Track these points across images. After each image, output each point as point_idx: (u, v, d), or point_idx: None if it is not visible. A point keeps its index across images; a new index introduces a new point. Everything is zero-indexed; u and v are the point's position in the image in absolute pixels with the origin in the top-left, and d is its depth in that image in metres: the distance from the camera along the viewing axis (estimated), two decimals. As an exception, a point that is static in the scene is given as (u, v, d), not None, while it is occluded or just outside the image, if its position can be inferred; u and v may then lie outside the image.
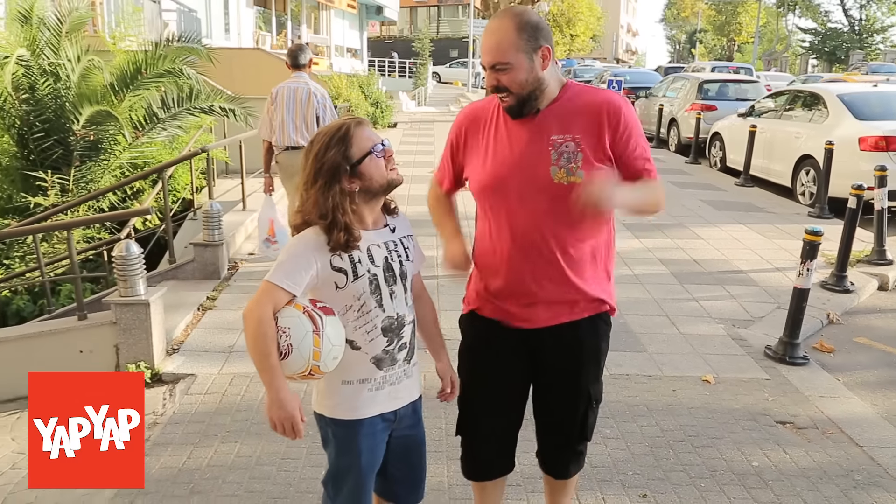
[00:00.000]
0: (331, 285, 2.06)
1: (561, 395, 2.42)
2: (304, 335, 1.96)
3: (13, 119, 7.82)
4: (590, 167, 2.17)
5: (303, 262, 2.01)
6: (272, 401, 1.98)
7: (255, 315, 1.96)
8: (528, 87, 2.15)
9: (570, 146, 2.17)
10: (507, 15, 2.16)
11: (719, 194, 10.11)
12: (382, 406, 2.15)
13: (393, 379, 2.16)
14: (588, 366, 2.39)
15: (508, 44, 2.11)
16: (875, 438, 3.71)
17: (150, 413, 3.98)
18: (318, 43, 27.85)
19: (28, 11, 8.02)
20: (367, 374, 2.12)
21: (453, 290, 5.74)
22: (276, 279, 1.99)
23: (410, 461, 2.30)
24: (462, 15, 47.79)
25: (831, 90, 10.00)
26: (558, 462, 2.54)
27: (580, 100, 2.23)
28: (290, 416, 1.98)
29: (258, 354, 1.97)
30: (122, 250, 4.29)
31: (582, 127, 2.19)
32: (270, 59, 15.50)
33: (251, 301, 1.99)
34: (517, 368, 2.41)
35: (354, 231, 2.04)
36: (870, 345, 5.14)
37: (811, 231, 4.47)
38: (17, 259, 7.65)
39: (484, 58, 2.18)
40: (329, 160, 2.01)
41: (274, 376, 1.97)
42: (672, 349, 4.78)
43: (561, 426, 2.47)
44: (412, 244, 2.23)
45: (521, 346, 2.36)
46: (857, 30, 51.38)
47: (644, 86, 19.69)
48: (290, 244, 2.09)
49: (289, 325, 1.97)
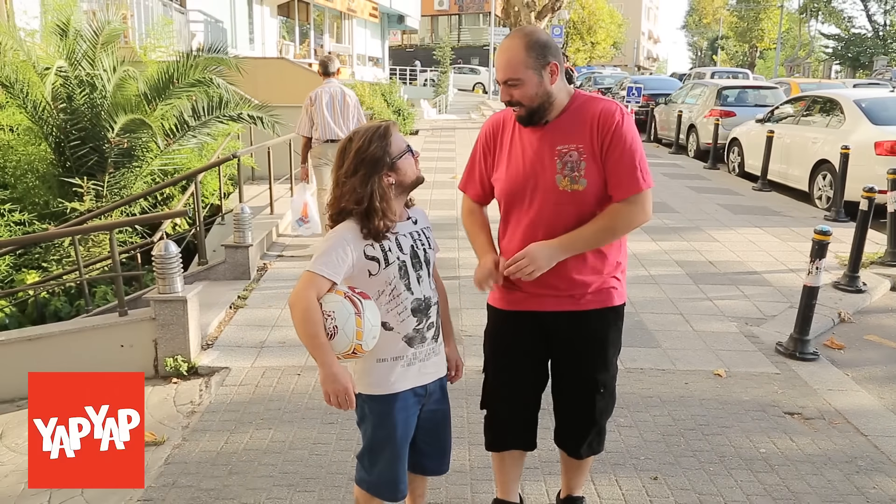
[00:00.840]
0: (364, 273, 2.28)
1: (569, 380, 2.65)
2: (347, 317, 2.18)
3: (51, 128, 8.14)
4: (592, 175, 2.39)
5: (340, 252, 2.22)
6: (326, 376, 2.19)
7: (302, 302, 2.17)
8: (538, 99, 2.38)
9: (573, 155, 2.39)
10: (517, 35, 2.41)
11: (737, 199, 10.23)
12: (414, 381, 2.37)
13: (422, 356, 2.38)
14: (593, 353, 2.59)
15: (518, 62, 2.35)
16: (880, 428, 3.85)
17: (187, 403, 4.23)
18: (340, 52, 28.22)
19: (65, 24, 8.35)
20: (399, 352, 2.34)
21: (475, 290, 5.93)
22: (317, 269, 2.20)
23: (438, 434, 2.52)
24: (483, 23, 48.06)
25: (848, 96, 10.09)
26: (569, 440, 2.74)
27: (583, 110, 2.44)
28: (344, 387, 2.19)
29: (308, 337, 2.18)
30: (161, 249, 4.54)
31: (583, 136, 2.40)
32: (294, 68, 15.84)
33: (296, 290, 2.20)
34: (534, 347, 2.63)
35: (391, 220, 2.27)
36: (880, 342, 5.27)
37: (820, 231, 4.62)
38: (54, 262, 7.98)
39: (497, 74, 2.43)
40: (371, 153, 2.25)
41: (325, 353, 2.18)
42: (685, 345, 4.94)
43: (569, 408, 2.68)
44: (430, 234, 2.47)
45: (537, 327, 2.59)
46: (882, 35, 50.97)
47: (664, 92, 19.79)
48: (327, 237, 2.30)
49: (333, 310, 2.19)
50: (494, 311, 2.70)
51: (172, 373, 4.58)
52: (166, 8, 14.69)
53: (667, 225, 8.23)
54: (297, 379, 4.43)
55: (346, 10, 27.46)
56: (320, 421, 3.91)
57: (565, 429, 2.73)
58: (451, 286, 6.02)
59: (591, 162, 2.38)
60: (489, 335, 2.74)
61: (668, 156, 15.15)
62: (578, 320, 2.53)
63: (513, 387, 2.67)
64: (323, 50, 26.70)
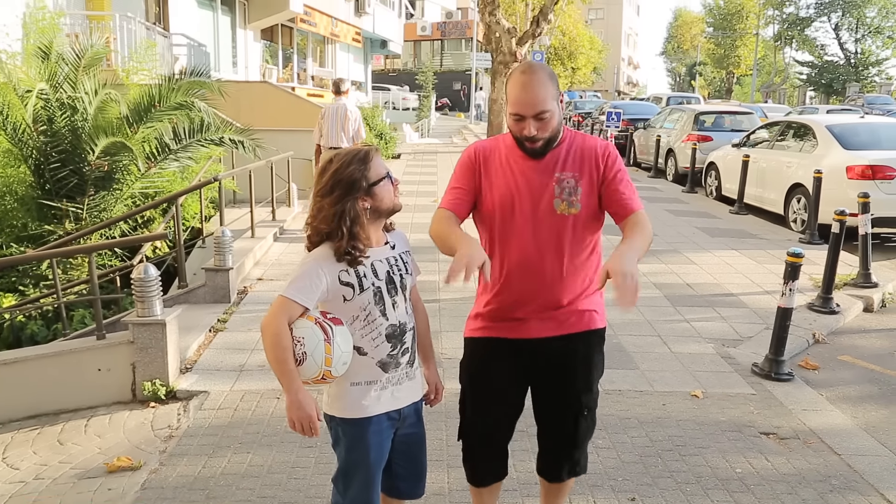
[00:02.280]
0: (339, 298, 2.29)
1: (554, 403, 2.66)
2: (316, 343, 2.19)
3: (31, 150, 8.11)
4: (584, 200, 2.49)
5: (314, 278, 2.23)
6: (291, 402, 2.20)
7: (272, 327, 2.18)
8: (556, 129, 2.48)
9: (570, 182, 2.50)
10: (536, 69, 2.45)
11: (714, 222, 10.37)
12: (387, 405, 2.37)
13: (396, 380, 2.38)
14: (578, 376, 2.62)
15: (546, 94, 2.41)
16: (853, 447, 3.91)
17: (165, 427, 4.21)
18: (323, 76, 28.35)
19: (47, 47, 8.36)
20: (373, 376, 2.34)
21: (455, 313, 5.98)
22: (290, 294, 2.20)
23: (413, 457, 2.52)
24: (465, 48, 48.50)
25: (821, 121, 10.30)
26: (552, 466, 2.75)
27: (578, 144, 2.56)
28: (308, 415, 2.20)
29: (276, 362, 2.19)
30: (140, 273, 4.53)
31: (580, 166, 2.52)
32: (277, 91, 15.89)
33: (268, 314, 2.21)
34: (512, 377, 2.64)
35: (361, 243, 2.27)
36: (853, 362, 5.35)
37: (792, 253, 4.71)
38: (31, 285, 7.91)
39: (525, 109, 2.41)
40: (348, 175, 2.25)
41: (292, 380, 2.19)
42: (663, 367, 4.99)
43: (554, 432, 2.70)
44: (410, 259, 2.47)
45: (517, 356, 2.60)
46: (854, 63, 52.09)
47: (642, 117, 20.06)
48: (302, 262, 2.31)
49: (303, 335, 2.20)
50: (473, 341, 2.70)
51: (150, 397, 4.56)
52: (149, 31, 14.72)
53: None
54: (277, 402, 4.42)
55: (330, 35, 27.62)
56: (299, 445, 3.90)
57: (549, 452, 2.74)
58: (431, 309, 6.04)
59: (584, 189, 2.50)
60: (466, 369, 2.72)
61: (648, 179, 15.33)
62: (564, 344, 2.56)
63: (491, 423, 2.67)
64: (306, 74, 26.82)
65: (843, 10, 51.76)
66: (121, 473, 3.70)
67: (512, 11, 33.34)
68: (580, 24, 49.81)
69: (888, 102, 31.92)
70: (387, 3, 34.43)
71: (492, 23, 18.63)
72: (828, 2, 52.46)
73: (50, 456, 3.98)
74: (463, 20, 50.77)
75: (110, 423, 4.34)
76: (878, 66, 52.26)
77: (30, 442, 4.22)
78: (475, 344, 2.70)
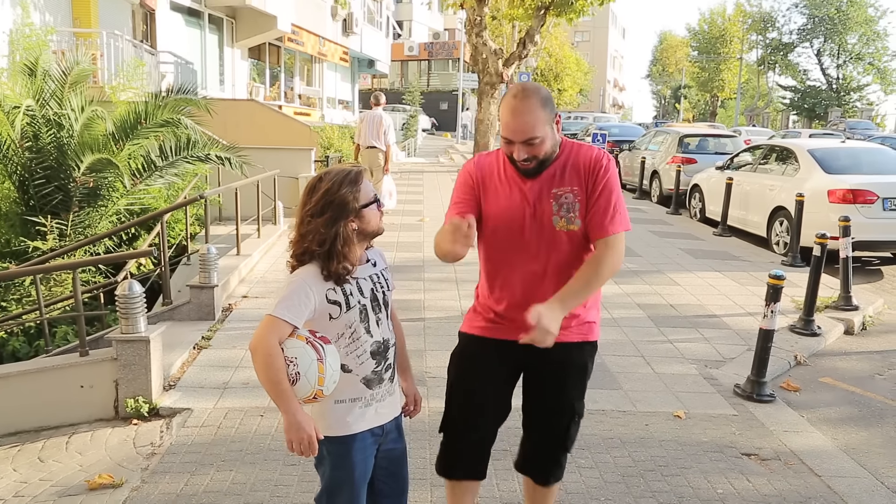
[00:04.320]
0: (325, 316, 2.29)
1: (548, 409, 2.70)
2: (310, 364, 2.17)
3: (15, 166, 8.09)
4: (584, 215, 2.52)
5: (303, 297, 2.21)
6: (290, 424, 2.17)
7: (264, 347, 2.14)
8: (550, 151, 2.50)
9: (568, 198, 2.52)
10: (529, 94, 2.45)
11: (697, 243, 10.46)
12: (371, 422, 2.38)
13: (379, 396, 2.40)
14: (573, 383, 2.68)
15: (537, 120, 2.43)
16: (833, 469, 3.95)
17: (147, 444, 4.18)
18: (310, 95, 28.44)
19: (34, 64, 8.37)
20: (358, 393, 2.35)
21: (439, 331, 5.99)
22: (279, 313, 2.17)
23: (396, 473, 2.52)
24: (452, 69, 48.86)
25: (803, 145, 10.46)
26: (539, 468, 2.80)
27: (575, 156, 2.57)
28: (308, 436, 2.17)
29: (271, 383, 2.15)
30: (125, 289, 4.52)
31: (577, 180, 2.54)
32: (264, 109, 15.92)
33: (257, 335, 2.16)
34: (503, 376, 2.70)
35: (350, 263, 2.29)
36: (834, 384, 5.41)
37: (774, 275, 4.77)
38: (14, 302, 7.84)
39: (514, 135, 2.45)
40: (340, 197, 2.25)
41: (289, 401, 2.15)
42: (646, 387, 5.02)
43: (546, 436, 2.74)
44: (389, 275, 2.50)
45: (509, 357, 2.64)
46: (835, 88, 52.91)
47: (627, 139, 20.27)
48: (290, 281, 2.28)
49: (295, 356, 2.17)
50: (467, 336, 2.75)
51: (133, 414, 4.53)
52: (137, 49, 14.74)
53: (629, 269, 8.38)
54: (260, 420, 4.41)
55: (317, 54, 27.75)
56: (282, 462, 3.89)
57: (537, 456, 2.78)
58: (416, 328, 6.06)
59: (582, 205, 2.52)
60: (456, 359, 2.75)
61: (632, 201, 15.44)
62: (561, 352, 2.58)
63: (474, 415, 2.71)
64: (293, 92, 26.91)
65: (825, 37, 52.65)
66: (102, 491, 3.67)
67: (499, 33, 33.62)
68: (566, 46, 50.34)
69: (869, 127, 32.50)
70: (374, 24, 34.68)
71: (478, 44, 18.79)
72: (810, 28, 53.35)
73: (30, 473, 3.95)
74: (450, 41, 51.21)
75: (92, 441, 4.30)
76: (860, 91, 53.11)
77: (10, 459, 4.17)
78: (469, 340, 2.74)
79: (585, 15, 19.61)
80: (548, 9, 18.92)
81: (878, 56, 51.94)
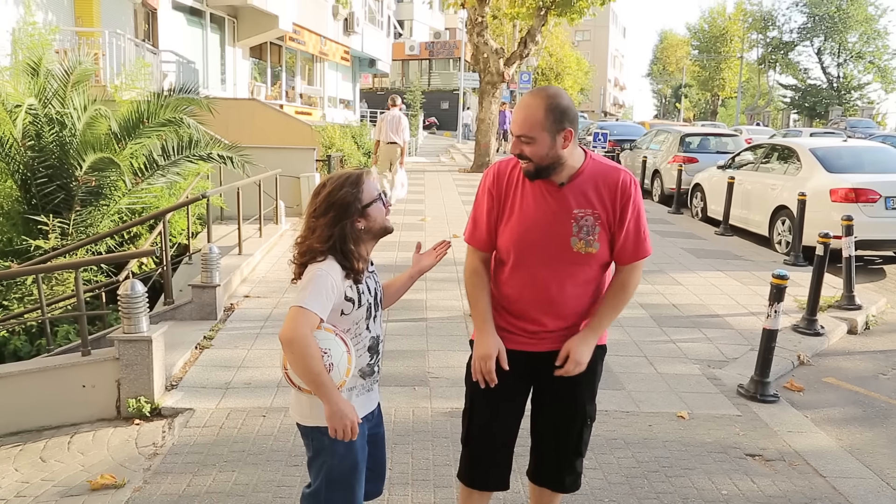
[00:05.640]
0: (338, 312, 2.34)
1: (562, 413, 2.70)
2: (341, 355, 2.27)
3: (18, 165, 8.08)
4: (602, 240, 2.51)
5: (329, 290, 2.26)
6: (333, 412, 2.22)
7: (301, 338, 2.16)
8: (547, 160, 2.45)
9: (588, 220, 2.49)
10: (540, 95, 2.44)
11: (699, 243, 10.45)
12: (364, 409, 2.48)
13: (369, 386, 2.51)
14: (585, 387, 2.68)
15: (534, 121, 2.41)
16: (838, 470, 3.93)
17: (150, 444, 4.17)
18: (311, 94, 28.43)
19: (37, 64, 8.36)
20: (353, 383, 2.42)
21: (442, 331, 5.98)
22: (308, 304, 2.20)
23: (378, 457, 2.63)
24: (453, 68, 48.78)
25: (805, 144, 10.44)
26: (554, 475, 2.78)
27: (599, 175, 2.52)
28: (353, 422, 2.25)
29: (312, 373, 2.18)
30: (127, 289, 4.51)
31: (600, 201, 2.50)
32: (265, 109, 15.93)
33: (288, 327, 2.17)
34: (520, 385, 2.69)
35: (364, 262, 2.38)
36: (837, 384, 5.39)
37: (777, 275, 4.76)
38: (16, 301, 7.83)
39: (513, 126, 2.48)
40: (341, 197, 2.33)
41: (331, 390, 2.22)
42: (649, 387, 5.01)
43: (559, 442, 2.73)
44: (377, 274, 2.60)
45: (525, 367, 2.64)
46: (836, 87, 52.88)
47: (629, 138, 20.25)
48: (314, 274, 2.28)
49: (328, 347, 2.25)
50: None
51: (135, 414, 4.52)
52: (139, 48, 14.73)
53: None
54: (263, 420, 4.40)
55: (319, 54, 27.72)
56: (285, 463, 3.88)
57: (552, 464, 2.76)
58: (418, 327, 6.05)
59: (603, 228, 2.50)
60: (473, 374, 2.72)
61: (634, 200, 15.41)
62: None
63: (497, 427, 2.70)
64: (294, 92, 26.90)
65: (826, 35, 52.62)
66: (104, 491, 3.66)
67: (500, 32, 33.61)
68: (567, 45, 50.35)
69: (870, 126, 32.45)
70: (375, 23, 34.66)
71: (480, 43, 18.77)
72: (810, 27, 53.32)
73: (32, 473, 3.94)
74: (451, 40, 51.12)
75: (94, 441, 4.30)
76: (860, 90, 53.09)
77: (12, 459, 4.17)
78: None
79: (586, 15, 19.58)
80: (549, 9, 18.91)
81: (879, 54, 51.93)
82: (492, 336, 2.58)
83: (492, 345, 2.56)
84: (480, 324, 2.62)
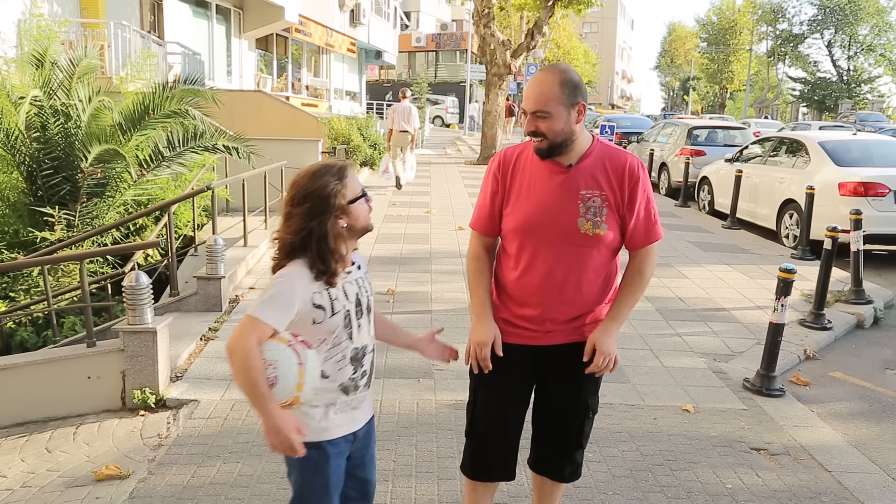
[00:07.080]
0: (308, 321, 2.18)
1: (565, 405, 2.69)
2: (290, 367, 2.08)
3: (23, 156, 8.09)
4: (610, 221, 2.49)
5: (287, 299, 2.11)
6: (269, 428, 2.07)
7: (242, 348, 2.03)
8: (562, 136, 2.44)
9: (596, 201, 2.48)
10: (552, 70, 2.46)
11: (706, 236, 10.40)
12: (345, 428, 2.30)
13: (354, 403, 2.32)
14: (588, 380, 2.66)
15: (550, 96, 2.40)
16: (843, 464, 3.92)
17: (154, 435, 4.18)
18: (317, 86, 28.40)
19: (42, 55, 8.35)
20: (333, 399, 2.26)
21: (447, 324, 5.96)
22: (261, 315, 2.06)
23: (364, 478, 2.45)
24: (459, 60, 48.66)
25: (813, 138, 10.37)
26: (555, 466, 2.78)
27: (607, 159, 2.52)
28: (288, 439, 2.08)
29: (248, 385, 2.04)
30: (132, 280, 4.51)
31: (607, 184, 2.50)
32: (271, 100, 15.90)
33: (235, 335, 2.06)
34: (525, 378, 2.69)
35: (342, 263, 2.20)
36: (844, 379, 5.37)
37: (784, 269, 4.72)
38: (22, 292, 7.86)
39: (526, 104, 2.46)
40: (319, 187, 2.17)
41: (266, 404, 2.05)
42: (655, 381, 4.99)
43: (561, 433, 2.73)
44: (369, 278, 2.42)
45: (529, 360, 2.63)
46: (846, 80, 52.54)
47: (636, 131, 20.17)
48: (275, 280, 2.15)
49: (276, 358, 2.08)
50: None
51: (140, 405, 4.53)
52: (144, 39, 14.72)
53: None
54: (267, 412, 4.39)
55: (325, 45, 27.68)
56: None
57: (553, 455, 2.76)
58: (423, 320, 6.04)
59: (611, 210, 2.49)
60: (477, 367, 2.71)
61: (641, 193, 15.36)
62: (577, 350, 2.58)
63: (502, 419, 2.70)
64: (300, 83, 26.88)
65: (836, 28, 52.25)
66: (109, 482, 3.67)
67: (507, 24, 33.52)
68: (574, 37, 50.23)
69: (880, 120, 32.26)
70: (382, 15, 34.56)
71: (486, 35, 18.70)
72: (821, 19, 52.94)
73: (38, 464, 3.95)
74: (458, 32, 50.98)
75: (99, 432, 4.31)
76: (871, 83, 52.75)
77: (17, 449, 4.18)
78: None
79: (594, 6, 19.49)
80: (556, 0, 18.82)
81: (890, 47, 51.56)
82: (489, 322, 2.59)
83: (488, 331, 2.57)
84: (479, 309, 2.63)
